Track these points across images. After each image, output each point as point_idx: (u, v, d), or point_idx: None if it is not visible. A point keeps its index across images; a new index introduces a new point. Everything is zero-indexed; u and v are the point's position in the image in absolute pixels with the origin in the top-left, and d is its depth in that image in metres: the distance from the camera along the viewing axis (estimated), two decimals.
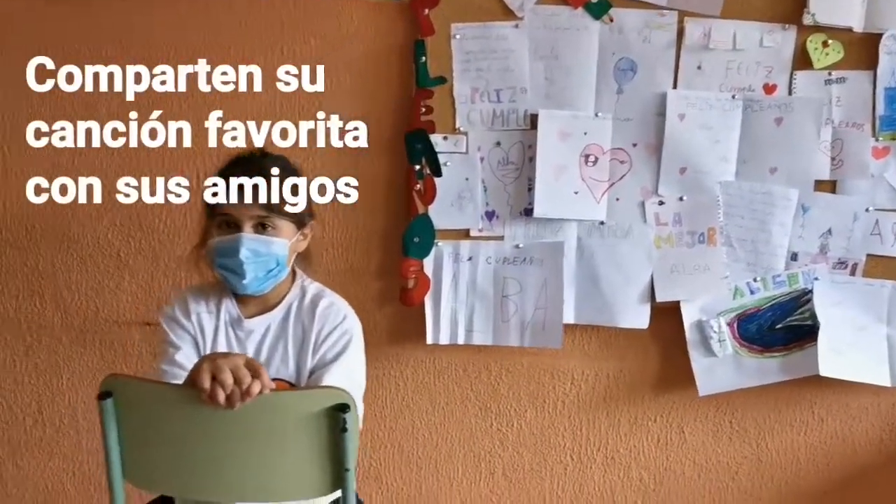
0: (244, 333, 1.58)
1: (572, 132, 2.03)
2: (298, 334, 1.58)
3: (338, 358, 1.55)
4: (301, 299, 1.62)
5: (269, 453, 1.36)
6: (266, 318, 1.59)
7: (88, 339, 2.22)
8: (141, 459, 1.39)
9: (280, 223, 1.54)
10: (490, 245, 2.09)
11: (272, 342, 1.59)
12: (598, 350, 2.16)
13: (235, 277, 1.53)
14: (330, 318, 1.58)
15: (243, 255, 1.50)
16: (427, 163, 2.06)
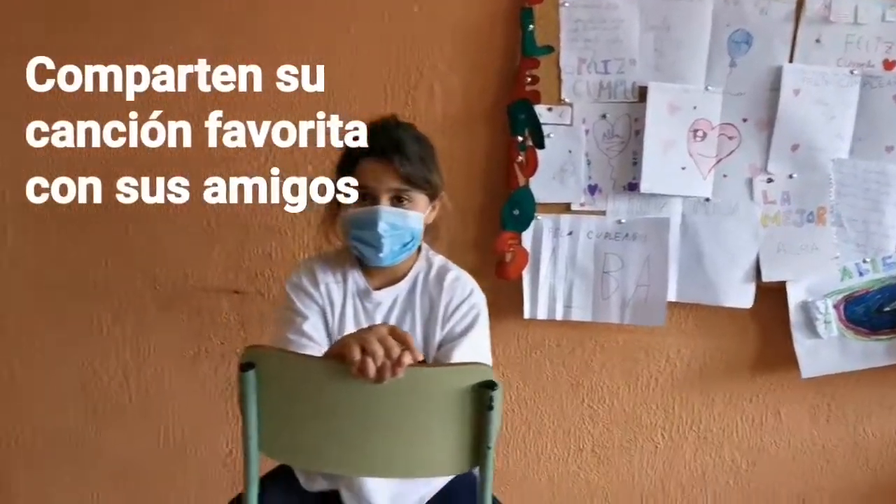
0: (372, 305, 1.55)
1: (681, 106, 1.98)
2: (426, 307, 1.55)
3: (466, 333, 1.52)
4: (427, 271, 1.58)
5: (415, 429, 1.33)
6: (393, 290, 1.56)
7: (176, 307, 2.20)
8: (280, 432, 1.36)
9: (416, 196, 1.50)
10: (591, 220, 2.05)
11: (399, 314, 1.56)
12: (696, 328, 2.12)
13: (371, 250, 1.49)
14: (458, 291, 1.55)
15: (381, 229, 1.46)
16: (530, 134, 2.02)
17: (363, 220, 1.48)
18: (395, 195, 1.48)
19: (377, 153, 1.47)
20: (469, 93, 2.05)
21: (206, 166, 1.92)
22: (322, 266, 1.58)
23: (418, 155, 1.49)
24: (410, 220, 1.49)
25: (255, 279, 2.17)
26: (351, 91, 2.06)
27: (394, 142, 1.48)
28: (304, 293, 1.54)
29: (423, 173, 1.49)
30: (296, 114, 1.96)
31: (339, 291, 1.56)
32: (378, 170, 1.47)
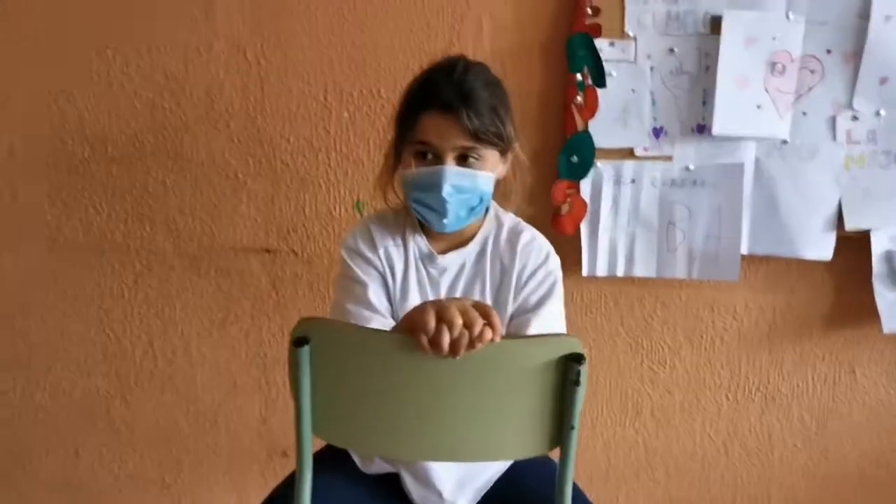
0: (437, 271, 1.39)
1: (759, 37, 1.79)
2: (497, 273, 1.39)
3: (542, 304, 1.36)
4: (497, 233, 1.42)
5: (492, 408, 1.18)
6: (460, 254, 1.40)
7: (203, 267, 2.04)
8: (339, 414, 1.21)
9: (485, 153, 1.32)
10: (657, 166, 1.88)
11: (468, 281, 1.39)
12: (766, 282, 1.97)
13: (434, 215, 1.33)
14: (532, 255, 1.39)
15: (446, 192, 1.29)
16: (589, 72, 1.84)
17: (425, 181, 1.31)
18: (462, 153, 1.30)
19: (441, 106, 1.28)
20: (521, 26, 1.87)
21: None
22: (380, 228, 1.41)
23: (489, 105, 1.30)
24: (479, 181, 1.32)
25: (287, 236, 2.01)
26: (387, 25, 1.86)
27: (461, 92, 1.29)
28: (362, 257, 1.38)
29: (494, 127, 1.30)
30: (329, 50, 1.79)
31: (399, 256, 1.39)
32: (442, 125, 1.28)
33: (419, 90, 1.33)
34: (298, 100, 1.92)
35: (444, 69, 1.33)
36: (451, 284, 1.39)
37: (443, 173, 1.29)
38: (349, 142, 1.94)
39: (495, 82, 1.36)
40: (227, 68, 1.92)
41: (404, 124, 1.33)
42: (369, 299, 1.34)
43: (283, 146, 1.95)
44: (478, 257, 1.40)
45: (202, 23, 1.89)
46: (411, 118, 1.31)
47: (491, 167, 1.34)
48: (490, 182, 1.34)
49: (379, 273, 1.37)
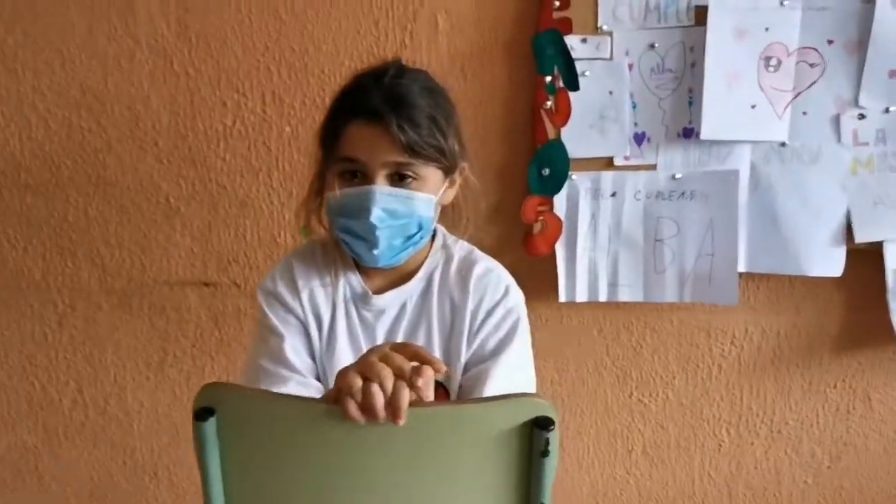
0: (372, 314, 1.17)
1: (750, 28, 1.57)
2: (446, 313, 1.17)
3: (502, 349, 1.15)
4: (446, 265, 1.20)
5: (442, 486, 0.97)
6: (401, 293, 1.18)
7: (134, 304, 1.83)
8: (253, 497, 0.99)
9: (425, 171, 1.10)
10: (639, 176, 1.66)
11: (410, 326, 1.17)
12: (767, 302, 1.76)
13: (363, 245, 1.11)
14: (489, 290, 1.17)
15: (376, 217, 1.07)
16: (560, 73, 1.62)
17: (351, 205, 1.09)
18: (395, 171, 1.09)
19: (367, 114, 1.07)
20: (482, 24, 1.65)
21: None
22: (304, 265, 1.19)
23: (426, 114, 1.09)
24: (416, 203, 1.10)
25: (227, 267, 1.79)
26: (330, 27, 1.66)
27: (391, 97, 1.07)
28: (280, 303, 1.17)
29: (433, 139, 1.09)
30: (265, 57, 1.59)
31: (326, 298, 1.18)
32: (370, 137, 1.07)
33: (343, 98, 1.12)
34: (234, 113, 1.71)
35: (372, 73, 1.12)
36: (389, 329, 1.17)
37: (371, 195, 1.07)
38: (292, 159, 1.72)
39: (436, 90, 1.14)
40: (152, 80, 1.70)
41: (327, 139, 1.12)
42: (286, 356, 1.12)
43: (219, 166, 1.74)
44: (422, 295, 1.18)
45: (121, 29, 1.68)
46: (335, 131, 1.10)
47: (432, 188, 1.12)
48: (430, 205, 1.12)
49: (300, 321, 1.16)
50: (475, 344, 1.15)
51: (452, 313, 1.16)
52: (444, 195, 1.16)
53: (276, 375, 1.10)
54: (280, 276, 1.18)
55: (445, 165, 1.12)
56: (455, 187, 1.19)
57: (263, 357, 1.13)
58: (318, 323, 1.16)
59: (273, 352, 1.13)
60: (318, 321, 1.16)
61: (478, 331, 1.15)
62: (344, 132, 1.08)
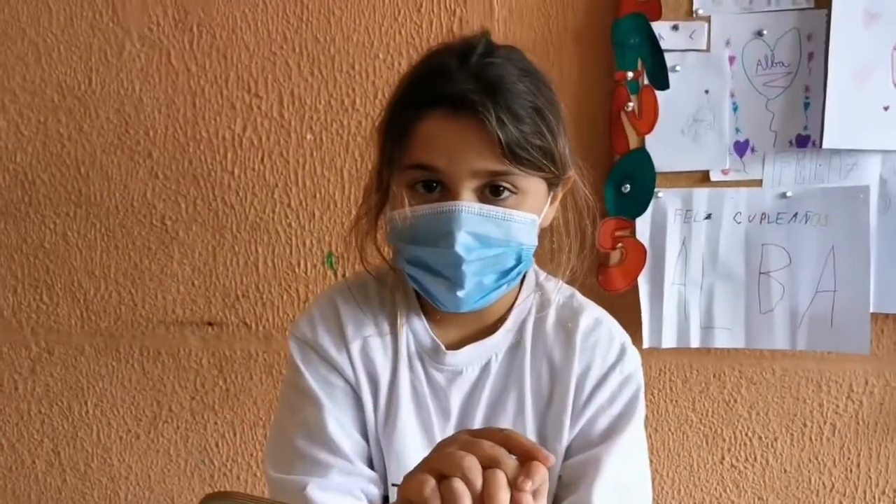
0: (445, 376, 0.88)
1: (882, 11, 1.28)
2: (543, 380, 0.90)
3: (618, 430, 0.88)
4: (541, 313, 0.92)
5: None
6: (483, 349, 0.89)
7: (123, 348, 1.55)
8: None
9: (526, 183, 0.81)
10: (741, 194, 1.36)
11: (494, 393, 0.89)
12: (892, 348, 1.45)
13: (441, 284, 0.82)
14: (600, 349, 0.90)
15: (462, 246, 0.79)
16: (645, 68, 1.33)
17: (427, 228, 0.80)
18: (488, 182, 0.80)
19: (452, 104, 0.78)
20: (548, 8, 1.37)
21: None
22: (354, 306, 0.91)
23: (530, 105, 0.80)
24: (516, 228, 0.82)
25: (235, 304, 1.51)
26: (362, 13, 1.39)
27: (484, 81, 0.78)
28: (322, 358, 0.88)
29: (540, 139, 0.80)
30: (283, 49, 1.31)
31: (385, 352, 0.88)
32: (455, 135, 0.78)
33: (415, 84, 0.83)
34: (244, 118, 1.43)
35: (454, 51, 0.82)
36: (468, 397, 0.89)
37: (456, 215, 0.79)
38: (315, 173, 1.43)
39: (536, 73, 0.85)
40: (145, 78, 1.43)
41: (392, 139, 0.82)
42: (328, 433, 0.85)
43: (226, 182, 1.46)
44: (511, 353, 0.90)
45: (108, 17, 1.40)
46: (403, 128, 0.81)
47: (534, 206, 0.83)
48: (533, 229, 0.84)
49: (348, 384, 0.86)
50: (582, 421, 0.85)
51: (552, 380, 0.87)
52: (547, 215, 0.87)
53: (314, 461, 0.84)
54: (321, 319, 0.90)
55: (553, 175, 0.82)
56: (557, 204, 0.90)
57: (297, 432, 0.86)
58: (373, 387, 0.87)
59: (310, 426, 0.85)
60: (374, 384, 0.87)
61: (585, 405, 0.86)
62: (416, 129, 0.79)
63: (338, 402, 0.86)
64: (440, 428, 0.88)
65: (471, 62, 0.80)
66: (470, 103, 0.76)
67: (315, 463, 0.83)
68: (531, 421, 0.87)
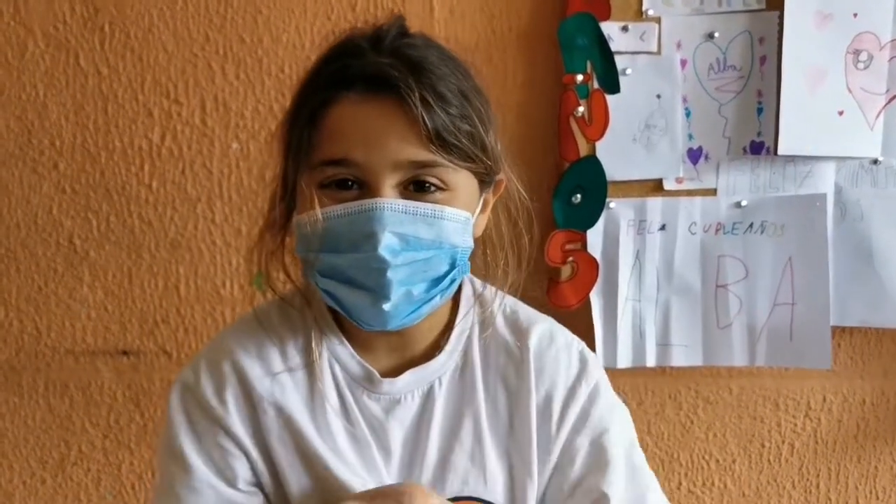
0: (382, 406, 0.77)
1: (835, 12, 1.26)
2: (500, 408, 0.80)
3: (601, 449, 0.77)
4: (485, 329, 0.82)
5: None
6: (423, 374, 0.80)
7: (26, 382, 1.40)
8: None
9: (456, 178, 0.72)
10: (695, 204, 1.31)
11: (447, 422, 0.79)
12: (850, 363, 1.41)
13: (363, 298, 0.72)
14: (560, 366, 0.81)
15: (386, 248, 0.69)
16: (595, 71, 1.27)
17: (343, 231, 0.70)
18: (413, 176, 0.71)
19: (369, 83, 0.70)
20: (491, 7, 1.30)
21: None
22: (258, 338, 0.79)
23: (457, 88, 0.72)
24: (448, 226, 0.72)
25: (154, 331, 1.38)
26: (293, 11, 1.30)
27: (407, 60, 0.70)
28: (207, 415, 0.76)
29: (470, 126, 0.72)
30: (205, 51, 1.21)
31: (297, 388, 0.78)
32: (373, 119, 0.69)
33: (322, 66, 0.74)
34: (163, 125, 1.32)
35: (365, 34, 0.74)
36: (412, 432, 0.78)
37: (378, 213, 0.69)
38: (242, 185, 1.33)
39: (460, 61, 0.77)
40: (50, 81, 1.31)
41: (298, 133, 0.73)
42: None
43: (143, 196, 1.34)
44: (457, 378, 0.80)
45: (8, 14, 1.28)
46: (311, 118, 0.71)
47: (466, 203, 0.74)
48: (467, 229, 0.75)
49: (242, 452, 0.76)
50: (556, 450, 0.77)
51: (510, 406, 0.78)
52: (480, 216, 0.78)
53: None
54: (207, 365, 0.79)
55: (485, 169, 0.74)
56: (488, 211, 0.81)
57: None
58: (288, 429, 0.75)
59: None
60: (292, 429, 0.75)
61: (558, 429, 0.77)
62: (326, 117, 0.70)
63: (223, 480, 0.76)
64: (385, 465, 0.77)
65: (385, 42, 0.72)
66: (390, 80, 0.68)
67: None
68: (493, 452, 0.78)
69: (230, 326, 0.85)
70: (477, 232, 0.80)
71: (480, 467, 0.76)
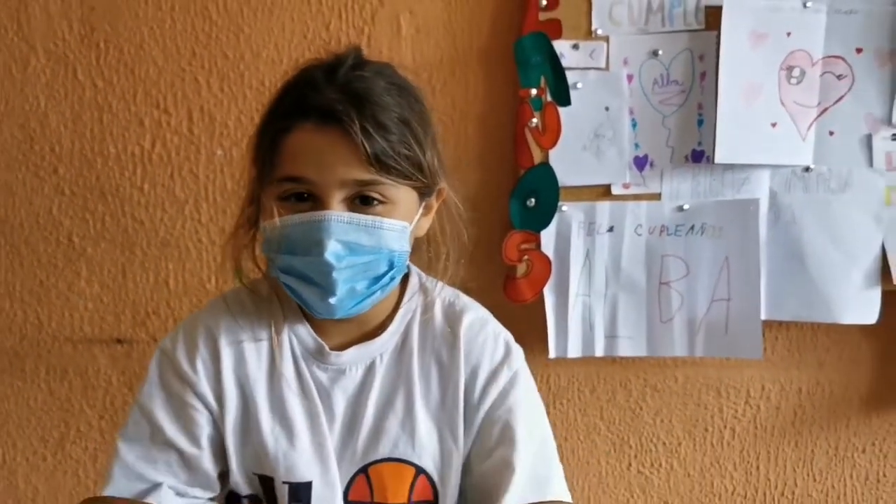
0: (329, 375, 0.89)
1: (769, 32, 1.35)
2: (433, 381, 0.92)
3: (514, 427, 0.89)
4: (426, 315, 0.94)
5: None
6: (367, 350, 0.92)
7: (28, 367, 1.51)
8: None
9: (396, 193, 0.85)
10: (641, 207, 1.41)
11: (383, 394, 0.92)
12: (787, 355, 1.51)
13: (314, 292, 0.84)
14: (487, 349, 0.91)
15: (332, 254, 0.81)
16: (548, 85, 1.37)
17: (297, 237, 0.83)
18: (357, 193, 0.83)
19: (319, 115, 0.81)
20: (453, 26, 1.40)
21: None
22: (226, 317, 0.92)
23: (397, 116, 0.84)
24: (386, 234, 0.84)
25: (145, 321, 1.49)
26: (272, 30, 1.39)
27: (351, 92, 0.82)
28: (179, 377, 0.90)
29: (406, 148, 0.84)
30: (192, 65, 1.32)
31: (258, 355, 0.91)
32: (322, 146, 0.81)
33: (283, 98, 0.86)
34: (153, 133, 1.43)
35: (323, 65, 0.86)
36: (353, 399, 0.91)
37: (325, 223, 0.81)
38: (225, 189, 1.44)
39: (406, 87, 0.89)
40: (50, 93, 1.42)
41: (263, 153, 0.85)
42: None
43: (136, 198, 1.45)
44: (397, 355, 0.92)
45: (12, 31, 1.39)
46: (273, 141, 0.84)
47: (405, 215, 0.86)
48: (404, 236, 0.87)
49: (208, 410, 0.91)
50: (477, 421, 0.89)
51: (441, 380, 0.90)
52: (418, 224, 0.89)
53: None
54: (184, 334, 0.93)
55: (422, 184, 0.86)
56: (431, 214, 0.93)
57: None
58: (244, 396, 0.90)
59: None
60: (245, 394, 0.90)
61: (479, 403, 0.90)
62: (285, 142, 0.82)
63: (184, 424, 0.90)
64: (329, 426, 0.90)
65: (339, 75, 0.83)
66: (335, 114, 0.79)
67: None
68: (423, 421, 0.89)
69: (209, 304, 0.98)
70: (421, 231, 0.93)
71: (410, 434, 0.89)
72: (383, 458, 0.89)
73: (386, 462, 0.89)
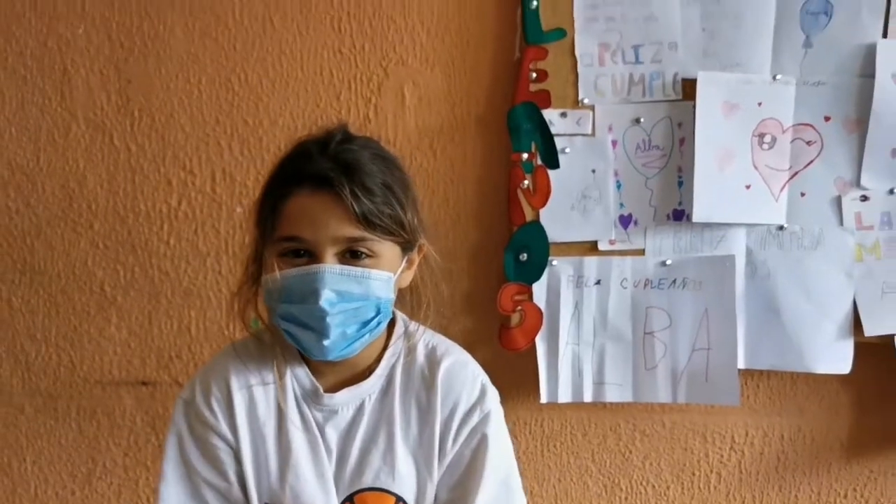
0: (324, 415, 1.01)
1: (741, 103, 1.46)
2: (412, 420, 1.03)
3: (483, 463, 1.00)
4: (409, 358, 1.05)
5: None
6: (357, 392, 1.03)
7: (61, 407, 1.62)
8: None
9: (381, 247, 0.97)
10: (626, 262, 1.52)
11: (368, 431, 1.02)
12: (769, 402, 1.59)
13: (311, 336, 0.96)
14: (466, 389, 1.02)
15: (326, 301, 0.93)
16: (538, 150, 1.49)
17: (295, 288, 0.95)
18: (347, 248, 0.95)
19: (313, 182, 0.94)
20: (452, 97, 1.53)
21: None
22: (238, 362, 1.04)
23: (381, 181, 0.97)
24: (373, 284, 0.96)
25: (169, 364, 1.61)
26: (287, 99, 1.52)
27: (341, 162, 0.95)
28: (201, 420, 1.02)
29: (389, 209, 0.96)
30: (216, 131, 1.46)
31: (267, 398, 1.02)
32: (317, 208, 0.94)
33: (282, 168, 0.99)
34: (180, 193, 1.56)
35: (316, 139, 1.00)
36: (344, 435, 1.02)
37: (319, 275, 0.93)
38: (244, 243, 1.51)
39: (388, 158, 1.02)
40: (88, 156, 1.56)
41: (265, 216, 0.98)
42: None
43: (162, 251, 1.57)
44: (382, 397, 1.03)
45: (56, 102, 1.54)
46: (273, 206, 0.97)
47: (390, 267, 0.98)
48: (389, 285, 0.98)
49: (228, 446, 1.02)
50: (450, 456, 0.99)
51: (420, 420, 1.00)
52: (402, 276, 1.01)
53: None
54: (200, 383, 1.04)
55: (404, 240, 0.98)
56: (413, 268, 1.05)
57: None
58: (257, 433, 1.00)
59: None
60: (258, 430, 1.01)
61: (454, 441, 1.00)
62: (285, 206, 0.95)
63: (213, 469, 1.01)
64: (328, 459, 1.01)
65: (330, 147, 0.96)
66: (329, 181, 0.92)
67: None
68: (402, 456, 1.00)
69: (215, 356, 1.09)
70: (404, 283, 1.05)
71: (391, 466, 0.99)
72: (367, 487, 1.00)
73: (370, 491, 1.00)
